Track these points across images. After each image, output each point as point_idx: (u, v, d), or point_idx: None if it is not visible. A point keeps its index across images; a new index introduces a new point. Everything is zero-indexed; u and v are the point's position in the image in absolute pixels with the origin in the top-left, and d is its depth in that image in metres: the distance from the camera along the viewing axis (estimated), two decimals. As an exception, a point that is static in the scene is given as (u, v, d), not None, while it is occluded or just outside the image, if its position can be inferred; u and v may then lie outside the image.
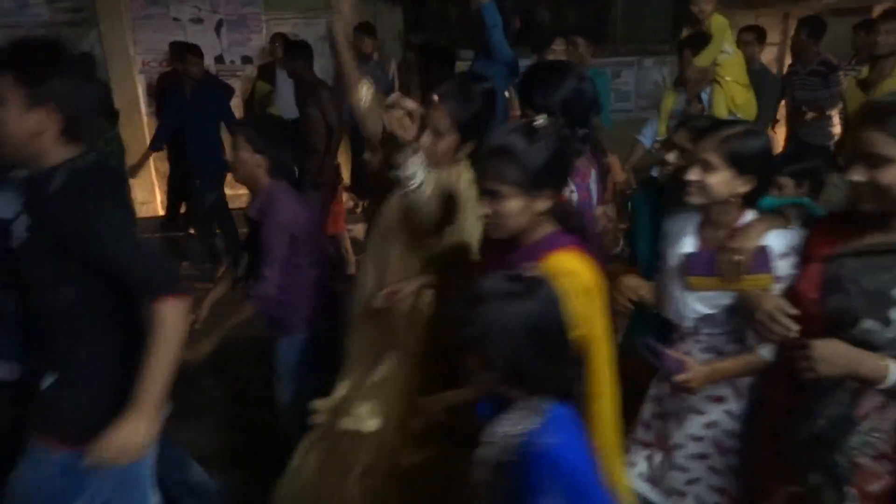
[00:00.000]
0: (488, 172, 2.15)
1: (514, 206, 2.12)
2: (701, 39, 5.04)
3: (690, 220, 2.61)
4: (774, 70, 7.08)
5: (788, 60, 7.45)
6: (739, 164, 2.39)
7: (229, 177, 5.41)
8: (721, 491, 2.64)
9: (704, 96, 5.02)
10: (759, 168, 2.42)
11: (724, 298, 2.50)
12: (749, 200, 2.47)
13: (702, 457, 2.63)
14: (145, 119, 8.85)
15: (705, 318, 2.56)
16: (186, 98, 6.81)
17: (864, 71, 4.97)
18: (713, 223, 2.53)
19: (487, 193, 2.15)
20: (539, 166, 2.11)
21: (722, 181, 2.40)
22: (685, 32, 5.70)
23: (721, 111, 4.98)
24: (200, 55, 6.88)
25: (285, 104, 7.64)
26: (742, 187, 2.42)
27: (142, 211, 8.79)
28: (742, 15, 8.43)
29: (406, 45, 9.02)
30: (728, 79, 5.10)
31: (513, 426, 1.87)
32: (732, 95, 5.04)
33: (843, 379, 2.08)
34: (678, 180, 2.61)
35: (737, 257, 2.40)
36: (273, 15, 9.03)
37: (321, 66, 8.80)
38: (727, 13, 7.99)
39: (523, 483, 1.79)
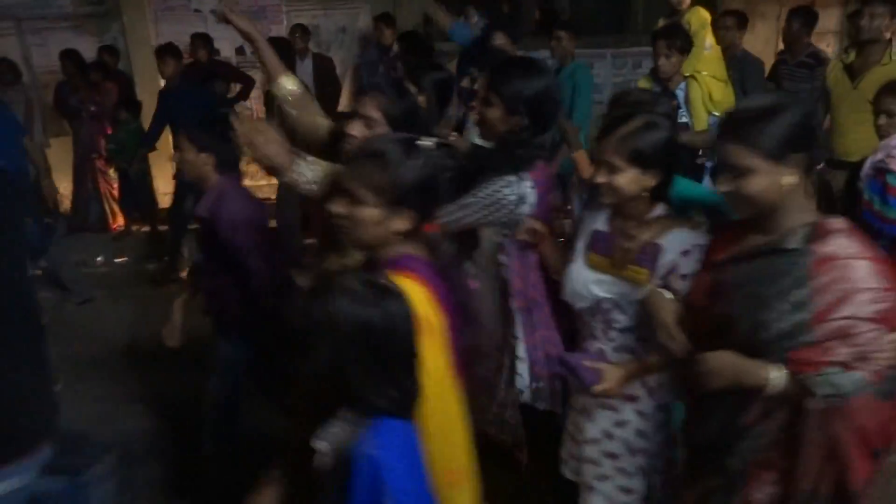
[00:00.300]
0: (354, 172, 2.06)
1: (370, 216, 2.02)
2: (676, 31, 4.83)
3: (604, 213, 2.63)
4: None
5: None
6: (642, 161, 2.36)
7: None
8: (628, 491, 2.62)
9: (681, 93, 4.85)
10: (662, 161, 2.39)
11: (618, 286, 2.50)
12: (657, 192, 2.45)
13: (611, 455, 2.62)
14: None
15: (609, 310, 2.56)
16: (170, 98, 6.87)
17: (852, 55, 4.75)
18: (623, 215, 2.53)
19: (346, 194, 2.05)
20: (407, 183, 2.03)
21: (628, 180, 2.38)
22: (661, 22, 5.54)
23: (698, 106, 4.80)
24: (176, 56, 6.93)
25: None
26: (650, 182, 2.40)
27: (165, 202, 8.87)
28: (765, 3, 8.37)
29: (425, 36, 9.01)
30: (705, 73, 4.91)
31: (336, 436, 1.78)
32: (710, 90, 4.84)
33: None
34: None
35: (628, 245, 2.44)
36: (293, 6, 9.05)
37: (340, 58, 8.86)
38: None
39: (342, 495, 1.71)
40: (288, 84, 2.97)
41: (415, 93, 3.28)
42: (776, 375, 1.99)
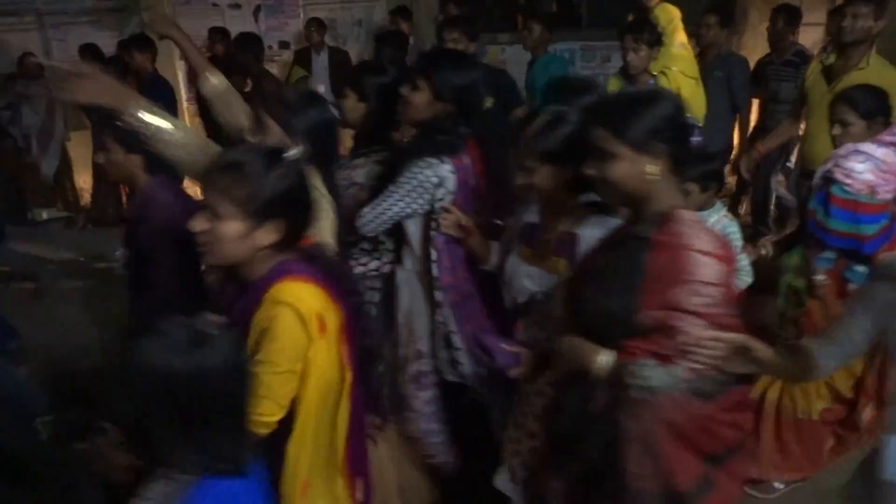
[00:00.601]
0: (212, 186, 1.98)
1: (232, 230, 1.94)
2: (642, 24, 4.70)
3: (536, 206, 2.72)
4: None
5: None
6: (553, 157, 2.44)
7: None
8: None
9: None
10: (571, 155, 2.39)
11: (546, 278, 2.55)
12: (575, 184, 2.47)
13: (531, 435, 2.60)
14: (185, 105, 8.95)
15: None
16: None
17: (832, 57, 4.51)
18: (548, 207, 2.63)
19: (206, 209, 1.98)
20: (269, 195, 1.95)
21: (544, 178, 2.47)
22: (631, 18, 5.39)
23: None
24: (147, 50, 6.89)
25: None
26: (566, 174, 2.45)
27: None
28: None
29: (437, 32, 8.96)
30: (675, 69, 4.73)
31: (158, 497, 1.63)
32: (679, 87, 4.62)
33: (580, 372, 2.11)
34: None
35: (547, 236, 2.53)
36: (310, -1, 9.07)
37: (356, 52, 8.84)
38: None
39: None
40: (213, 80, 2.93)
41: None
42: (602, 360, 2.03)
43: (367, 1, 9.09)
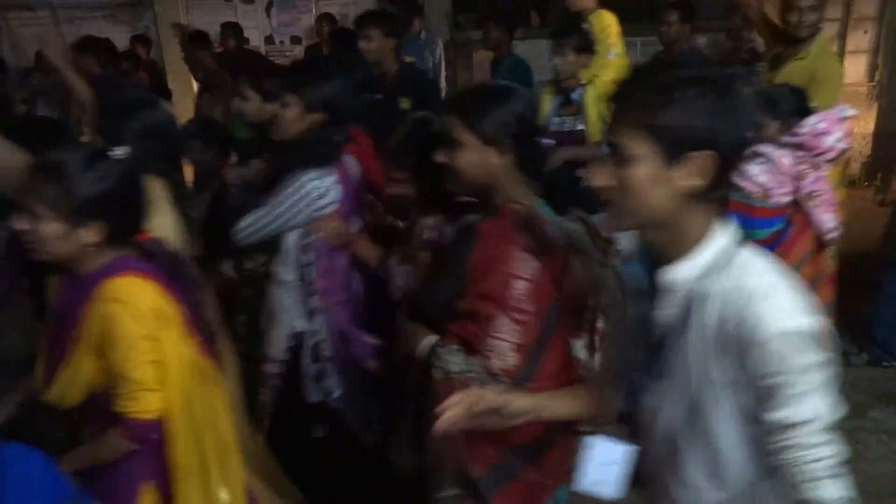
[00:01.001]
0: (28, 187, 1.95)
1: (51, 231, 1.91)
2: (569, 29, 4.42)
3: None
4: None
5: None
6: (417, 165, 2.42)
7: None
8: None
9: (579, 98, 4.38)
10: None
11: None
12: (441, 185, 2.43)
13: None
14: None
15: None
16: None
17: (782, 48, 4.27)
18: (422, 211, 2.59)
19: (24, 209, 1.94)
20: (87, 195, 1.90)
21: (413, 183, 2.47)
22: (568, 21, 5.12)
23: (590, 112, 4.32)
24: (97, 54, 6.54)
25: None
26: (433, 179, 2.41)
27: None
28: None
29: (454, 25, 8.92)
30: (605, 78, 4.38)
31: None
32: (607, 95, 4.32)
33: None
34: None
35: (416, 232, 2.52)
36: (323, -6, 9.08)
37: (367, 47, 8.83)
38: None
39: None
40: None
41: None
42: (425, 342, 2.11)
43: (378, -2, 9.09)
